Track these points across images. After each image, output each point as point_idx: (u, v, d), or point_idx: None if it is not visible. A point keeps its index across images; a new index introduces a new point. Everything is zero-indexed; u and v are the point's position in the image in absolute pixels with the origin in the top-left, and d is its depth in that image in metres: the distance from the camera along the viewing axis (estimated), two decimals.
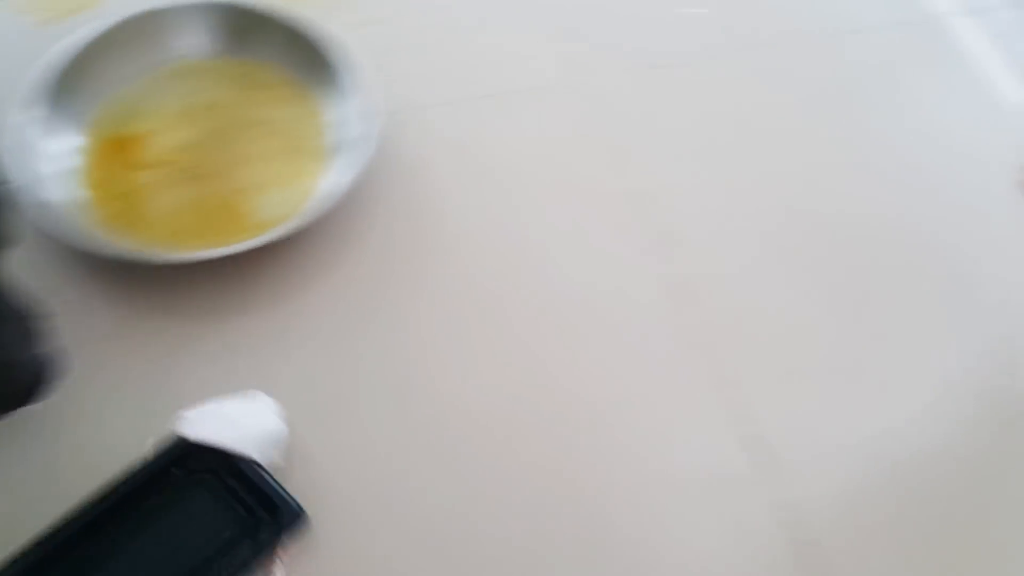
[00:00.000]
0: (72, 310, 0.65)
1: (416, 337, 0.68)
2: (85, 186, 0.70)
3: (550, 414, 0.65)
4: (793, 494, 0.63)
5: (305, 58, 0.77)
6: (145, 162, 0.73)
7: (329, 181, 0.72)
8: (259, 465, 0.57)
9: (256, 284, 0.69)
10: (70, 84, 0.73)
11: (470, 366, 0.67)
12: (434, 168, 0.77)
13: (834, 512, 0.62)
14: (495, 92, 0.83)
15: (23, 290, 0.56)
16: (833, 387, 0.68)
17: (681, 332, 0.70)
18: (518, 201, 0.76)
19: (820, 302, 0.72)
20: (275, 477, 0.57)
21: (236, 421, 0.59)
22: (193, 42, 0.78)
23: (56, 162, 0.70)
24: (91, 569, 0.54)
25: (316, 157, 0.74)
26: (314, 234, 0.71)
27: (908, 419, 0.67)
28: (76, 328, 0.64)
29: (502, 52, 0.86)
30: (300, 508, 0.56)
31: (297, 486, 0.58)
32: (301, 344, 0.66)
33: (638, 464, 0.63)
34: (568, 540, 0.60)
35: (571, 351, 0.68)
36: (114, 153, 0.73)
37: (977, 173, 0.82)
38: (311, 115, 0.77)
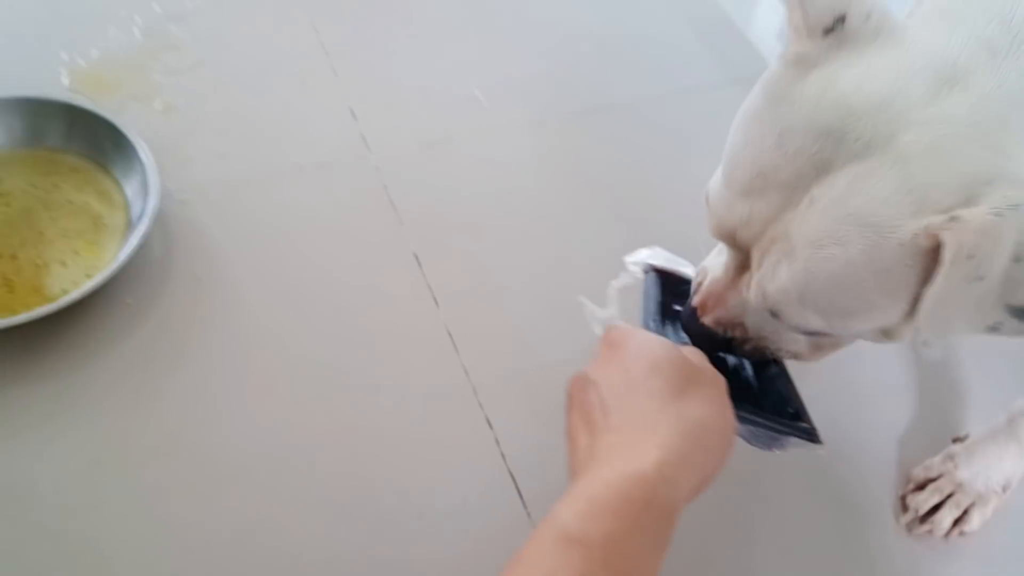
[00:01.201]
0: None
1: (197, 393, 0.78)
2: None
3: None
4: None
5: (101, 144, 0.88)
6: None
7: (122, 252, 0.81)
8: None
9: (44, 353, 0.77)
10: None
11: (245, 411, 0.77)
12: (219, 239, 0.88)
13: None
14: (281, 170, 0.95)
15: None
16: None
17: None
18: (298, 264, 0.88)
19: None
20: None
21: None
22: None
23: None
24: None
25: (112, 234, 0.84)
26: (101, 304, 0.80)
27: None
28: None
29: (290, 133, 0.98)
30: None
31: None
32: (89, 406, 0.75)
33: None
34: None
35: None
36: None
37: None
38: (107, 195, 0.87)
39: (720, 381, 0.58)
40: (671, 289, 0.72)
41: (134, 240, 0.81)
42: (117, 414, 0.76)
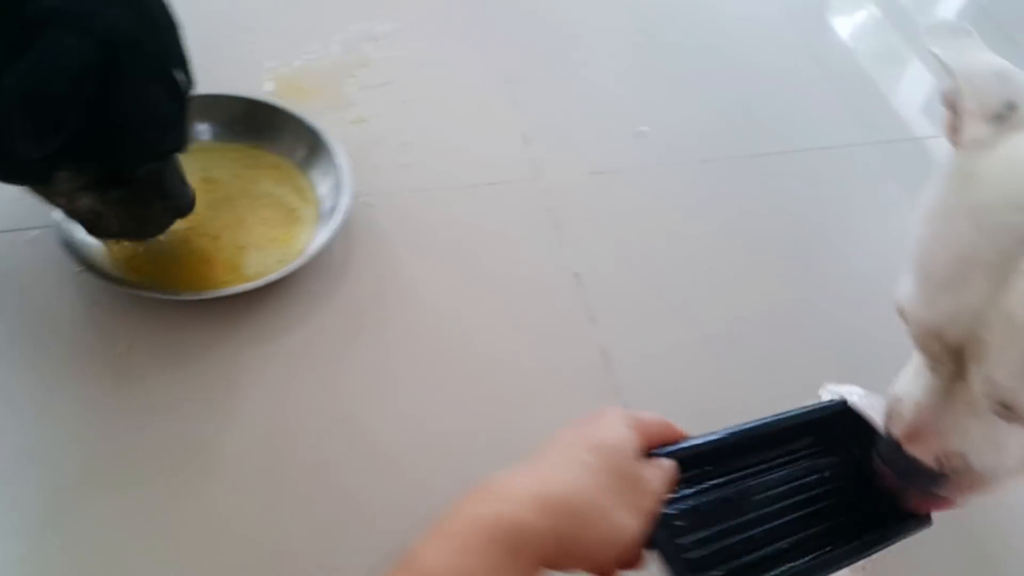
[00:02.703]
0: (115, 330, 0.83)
1: (367, 377, 0.85)
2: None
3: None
4: None
5: (301, 145, 0.98)
6: None
7: (311, 246, 0.91)
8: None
9: (236, 327, 0.86)
10: None
11: (408, 397, 0.84)
12: (397, 241, 0.96)
13: None
14: (456, 184, 1.03)
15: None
16: None
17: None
18: (465, 272, 0.95)
19: None
20: None
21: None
22: (203, 128, 0.98)
23: None
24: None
25: (304, 226, 0.93)
26: (290, 288, 0.89)
27: None
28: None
29: (467, 152, 1.07)
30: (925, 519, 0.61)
31: None
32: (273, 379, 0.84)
33: None
34: None
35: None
36: None
37: None
38: (302, 192, 0.96)
39: (651, 496, 0.54)
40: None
41: (326, 233, 0.90)
42: (295, 388, 0.84)
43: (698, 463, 0.60)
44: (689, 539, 0.56)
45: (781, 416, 0.66)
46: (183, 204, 0.83)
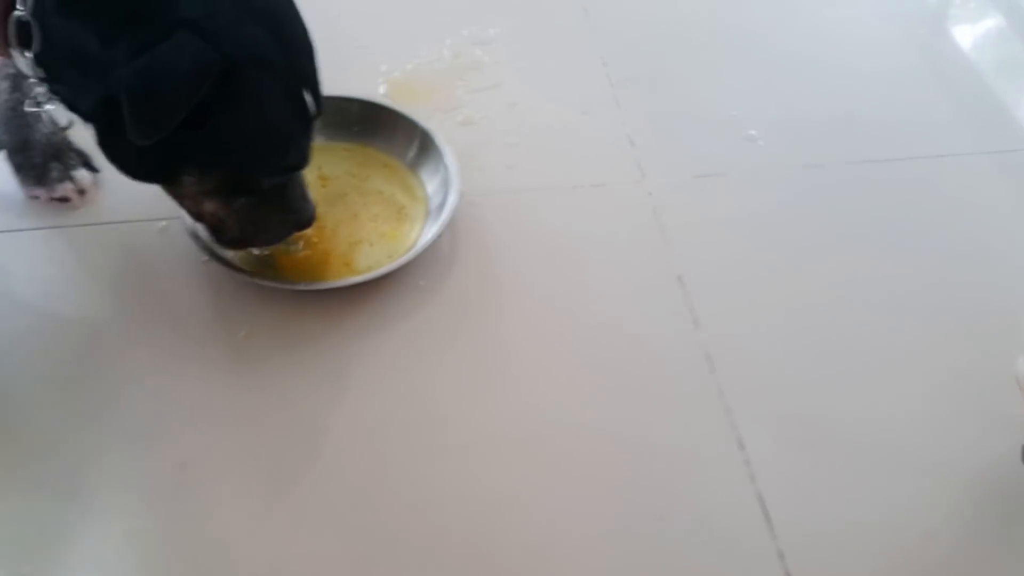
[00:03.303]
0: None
1: (472, 370, 0.89)
2: None
3: None
4: None
5: (411, 145, 1.02)
6: None
7: (420, 242, 0.95)
8: None
9: (347, 318, 0.91)
10: None
11: (511, 392, 0.87)
12: (502, 240, 0.99)
13: None
14: (560, 185, 1.05)
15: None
16: None
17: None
18: (568, 273, 0.97)
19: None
20: None
21: None
22: (319, 127, 1.02)
23: None
24: None
25: (412, 223, 0.98)
26: (399, 282, 0.93)
27: None
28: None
29: (571, 154, 1.09)
30: None
31: None
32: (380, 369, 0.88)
33: None
34: None
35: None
36: None
37: None
38: (410, 190, 1.00)
39: None
40: None
41: (435, 230, 0.93)
42: (401, 379, 0.87)
43: None
44: None
45: None
46: (303, 219, 0.87)
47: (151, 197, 0.87)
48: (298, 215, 0.86)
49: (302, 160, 0.83)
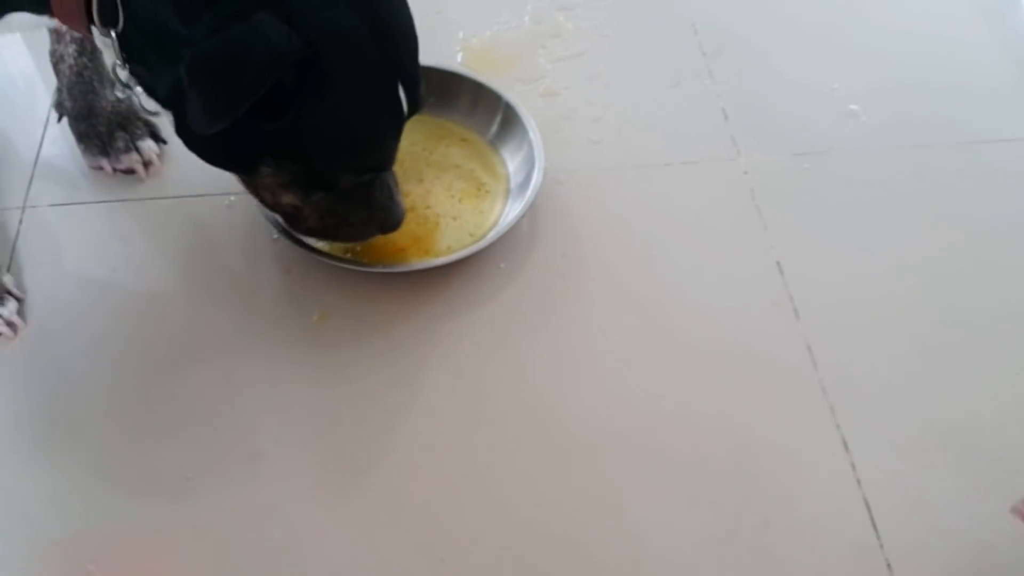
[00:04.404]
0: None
1: (554, 357, 0.85)
2: None
3: None
4: None
5: (493, 119, 0.97)
6: None
7: (502, 219, 0.91)
8: None
9: (427, 301, 0.87)
10: None
11: (595, 381, 0.83)
12: (587, 221, 0.94)
13: None
14: (649, 162, 1.00)
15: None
16: None
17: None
18: (658, 256, 0.92)
19: None
20: None
21: None
22: None
23: None
24: None
25: (494, 201, 0.93)
26: (479, 263, 0.89)
27: None
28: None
29: (661, 129, 1.03)
30: None
31: None
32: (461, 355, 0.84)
33: None
34: None
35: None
36: None
37: None
38: (491, 167, 0.96)
39: None
40: None
41: (519, 209, 0.89)
42: (482, 367, 0.84)
43: None
44: None
45: None
46: (389, 221, 0.82)
47: (219, 171, 0.84)
48: (384, 215, 0.81)
49: (385, 162, 0.78)
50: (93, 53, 0.92)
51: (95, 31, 0.72)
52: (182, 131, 0.73)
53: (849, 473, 0.78)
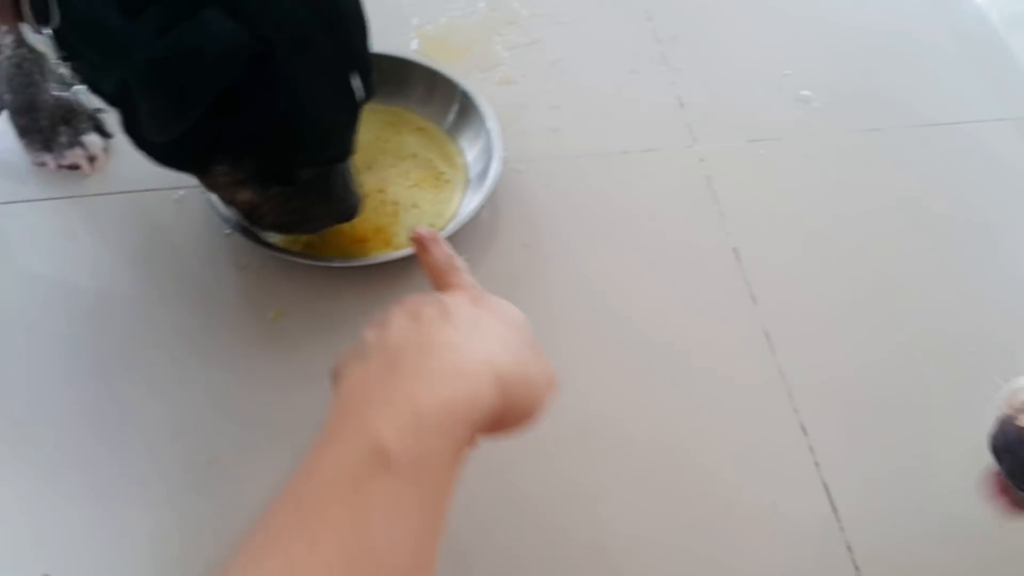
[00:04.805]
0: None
1: None
2: None
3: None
4: None
5: (450, 108, 0.97)
6: None
7: (462, 209, 0.90)
8: None
9: (394, 292, 0.85)
10: None
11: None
12: (546, 210, 0.94)
13: None
14: (608, 150, 1.00)
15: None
16: None
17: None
18: (618, 245, 0.93)
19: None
20: None
21: None
22: None
23: None
24: None
25: (452, 192, 0.93)
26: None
27: None
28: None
29: (618, 116, 1.04)
30: None
31: None
32: None
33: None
34: None
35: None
36: None
37: None
38: (449, 157, 0.95)
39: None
40: None
41: (477, 199, 0.88)
42: None
43: None
44: None
45: None
46: (346, 211, 0.82)
47: None
48: (341, 206, 0.81)
49: (343, 152, 0.78)
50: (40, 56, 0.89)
51: (26, 28, 0.69)
52: (130, 130, 0.72)
53: (807, 456, 0.80)
